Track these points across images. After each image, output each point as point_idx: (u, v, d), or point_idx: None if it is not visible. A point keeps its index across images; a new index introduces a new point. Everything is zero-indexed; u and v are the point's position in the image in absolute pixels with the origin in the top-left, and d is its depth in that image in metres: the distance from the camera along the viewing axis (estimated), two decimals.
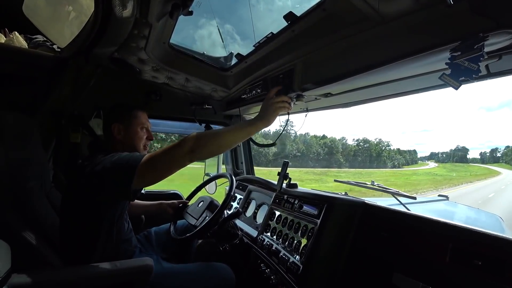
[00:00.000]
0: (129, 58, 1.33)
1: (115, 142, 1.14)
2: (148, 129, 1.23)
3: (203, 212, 1.41)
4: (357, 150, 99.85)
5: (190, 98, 1.91)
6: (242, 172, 2.34)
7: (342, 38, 0.97)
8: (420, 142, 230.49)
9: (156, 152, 0.88)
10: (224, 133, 0.91)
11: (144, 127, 1.20)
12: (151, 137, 1.23)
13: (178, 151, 0.86)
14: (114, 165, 0.89)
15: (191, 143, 0.85)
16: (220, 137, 0.90)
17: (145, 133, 1.21)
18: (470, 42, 0.65)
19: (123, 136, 1.14)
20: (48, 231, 0.98)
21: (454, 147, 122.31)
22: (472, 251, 0.77)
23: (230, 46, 1.77)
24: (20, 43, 1.29)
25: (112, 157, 0.92)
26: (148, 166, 0.86)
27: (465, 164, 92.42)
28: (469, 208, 2.58)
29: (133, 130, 1.16)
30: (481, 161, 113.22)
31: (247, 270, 1.48)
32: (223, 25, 2.09)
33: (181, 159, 0.86)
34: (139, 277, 0.95)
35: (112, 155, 0.94)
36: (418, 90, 1.15)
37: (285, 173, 1.53)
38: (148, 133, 1.22)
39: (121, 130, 1.14)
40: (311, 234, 1.16)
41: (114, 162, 0.90)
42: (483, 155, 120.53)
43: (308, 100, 1.42)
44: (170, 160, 0.86)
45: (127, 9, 0.92)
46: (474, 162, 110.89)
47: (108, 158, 0.93)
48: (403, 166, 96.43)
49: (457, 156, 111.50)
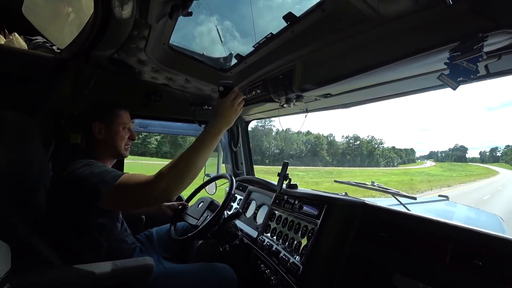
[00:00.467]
0: (129, 59, 1.33)
1: (95, 141, 1.11)
2: (130, 129, 1.20)
3: (204, 212, 1.41)
4: (346, 147, 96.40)
5: (190, 99, 1.91)
6: (242, 173, 2.34)
7: (341, 39, 0.97)
8: (420, 141, 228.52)
9: (131, 180, 0.85)
10: (197, 156, 0.88)
11: (126, 127, 1.17)
12: (133, 137, 1.19)
13: (152, 191, 0.82)
14: (86, 177, 0.87)
15: (165, 183, 0.82)
16: (194, 163, 0.87)
17: (127, 132, 1.17)
18: (470, 43, 0.65)
19: (104, 136, 1.10)
20: (48, 231, 0.98)
21: (452, 146, 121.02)
22: (472, 251, 0.77)
23: (229, 46, 1.77)
24: (20, 44, 1.29)
25: (88, 167, 0.90)
26: (118, 194, 0.84)
27: (463, 164, 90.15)
28: (469, 208, 2.58)
29: (115, 129, 1.13)
30: (481, 161, 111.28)
31: (247, 271, 1.48)
32: (222, 25, 2.08)
33: (154, 200, 0.83)
34: (140, 276, 0.95)
35: (88, 164, 0.92)
36: (417, 90, 1.15)
37: (285, 173, 1.53)
38: (130, 133, 1.19)
39: (102, 129, 1.10)
40: (311, 234, 1.16)
41: (86, 175, 0.88)
42: (483, 154, 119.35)
43: (308, 100, 1.43)
44: (142, 199, 0.84)
45: (127, 10, 0.92)
46: (473, 161, 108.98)
47: (84, 168, 0.90)
48: (399, 165, 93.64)
49: (455, 155, 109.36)
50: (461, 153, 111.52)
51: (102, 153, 1.12)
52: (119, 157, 1.17)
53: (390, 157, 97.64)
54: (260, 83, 1.45)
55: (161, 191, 0.83)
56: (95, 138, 1.10)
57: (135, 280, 0.94)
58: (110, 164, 1.17)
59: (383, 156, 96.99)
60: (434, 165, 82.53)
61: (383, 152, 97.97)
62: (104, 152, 1.12)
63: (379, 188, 1.51)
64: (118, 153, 1.15)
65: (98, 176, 0.88)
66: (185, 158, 0.87)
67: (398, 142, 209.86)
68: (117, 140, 1.13)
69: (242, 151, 2.32)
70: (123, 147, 1.15)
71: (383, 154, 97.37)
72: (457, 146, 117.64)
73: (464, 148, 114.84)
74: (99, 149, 1.11)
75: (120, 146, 1.14)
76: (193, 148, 0.89)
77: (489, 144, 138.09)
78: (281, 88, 1.29)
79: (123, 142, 1.15)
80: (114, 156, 1.16)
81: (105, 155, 1.13)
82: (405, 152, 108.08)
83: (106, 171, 0.91)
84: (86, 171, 0.90)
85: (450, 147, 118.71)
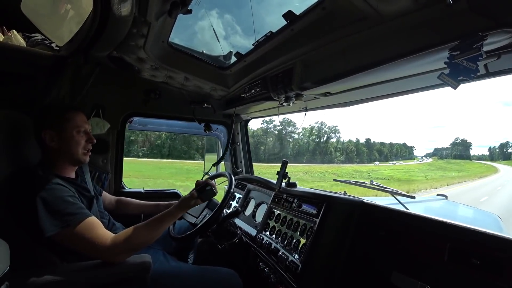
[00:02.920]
0: (128, 57, 1.32)
1: (49, 151, 1.01)
2: (87, 132, 1.08)
3: (203, 210, 1.41)
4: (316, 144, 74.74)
5: (189, 97, 1.91)
6: (241, 171, 2.34)
7: (341, 37, 0.97)
8: (432, 139, 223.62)
9: (87, 231, 0.89)
10: (152, 233, 0.99)
11: (81, 130, 1.05)
12: (91, 140, 1.09)
13: (102, 255, 0.91)
14: (45, 207, 0.85)
15: (118, 251, 0.91)
16: (149, 238, 0.98)
17: (84, 136, 1.06)
18: (469, 41, 0.65)
19: (57, 144, 1.00)
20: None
21: (453, 140, 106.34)
22: (470, 250, 0.77)
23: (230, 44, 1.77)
24: (19, 41, 1.28)
25: (48, 195, 0.87)
26: (72, 239, 0.88)
27: (461, 161, 77.96)
28: (467, 208, 2.59)
29: (68, 135, 1.02)
30: (490, 158, 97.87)
31: (246, 270, 1.48)
32: (222, 24, 2.08)
33: (101, 259, 0.92)
34: (138, 274, 0.95)
35: (46, 192, 0.87)
36: (417, 89, 1.15)
37: (284, 172, 1.53)
38: (87, 136, 1.08)
39: (53, 137, 0.99)
40: (310, 233, 1.17)
41: (45, 207, 0.85)
42: (492, 150, 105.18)
43: (307, 99, 1.43)
44: (91, 253, 0.91)
45: (126, 8, 0.92)
46: (482, 159, 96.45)
47: (42, 194, 0.86)
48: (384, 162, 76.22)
49: (456, 150, 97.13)
50: (463, 148, 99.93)
51: (59, 162, 1.03)
52: (79, 163, 1.10)
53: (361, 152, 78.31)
54: (259, 82, 1.45)
55: (110, 256, 0.92)
56: (48, 147, 1.00)
57: (134, 277, 0.94)
58: (72, 172, 1.09)
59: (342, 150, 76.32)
60: (420, 163, 71.04)
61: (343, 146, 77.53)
62: (61, 161, 1.04)
63: (378, 187, 1.51)
64: (77, 160, 1.07)
65: (61, 212, 0.87)
66: (139, 233, 0.96)
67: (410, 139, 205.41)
68: (72, 147, 1.03)
69: (241, 150, 2.32)
70: (80, 153, 1.06)
71: (342, 148, 76.87)
72: (457, 139, 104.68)
73: (466, 143, 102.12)
74: (54, 158, 1.02)
75: (76, 152, 1.04)
76: (150, 225, 1.00)
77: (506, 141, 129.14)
78: (280, 87, 1.29)
79: (79, 147, 1.05)
80: (73, 164, 1.08)
81: (63, 164, 1.05)
82: (390, 147, 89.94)
83: (66, 213, 0.88)
84: (45, 202, 0.86)
85: (453, 142, 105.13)
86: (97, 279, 0.90)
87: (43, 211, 0.84)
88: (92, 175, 1.62)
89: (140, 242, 0.95)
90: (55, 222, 0.85)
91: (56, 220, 0.85)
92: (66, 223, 0.86)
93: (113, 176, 1.82)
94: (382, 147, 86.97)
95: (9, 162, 0.95)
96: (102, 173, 1.73)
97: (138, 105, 1.82)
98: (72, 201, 0.92)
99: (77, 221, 0.88)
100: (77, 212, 0.90)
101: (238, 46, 1.44)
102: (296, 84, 1.20)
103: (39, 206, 0.84)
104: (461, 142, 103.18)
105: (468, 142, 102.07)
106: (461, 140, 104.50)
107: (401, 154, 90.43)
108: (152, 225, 1.00)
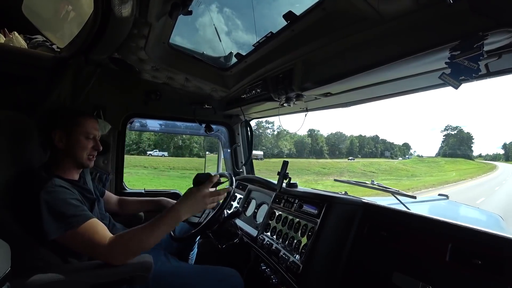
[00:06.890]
0: (129, 58, 1.33)
1: (56, 150, 1.04)
2: (96, 138, 1.11)
3: (204, 211, 1.41)
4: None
5: (190, 98, 1.91)
6: (242, 172, 2.34)
7: (342, 38, 0.97)
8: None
9: (89, 232, 0.89)
10: (151, 235, 0.94)
11: (90, 136, 1.08)
12: (97, 147, 1.11)
13: (101, 256, 0.90)
14: (49, 210, 0.86)
15: (117, 253, 0.90)
16: (148, 242, 0.94)
17: (91, 142, 1.09)
18: (470, 41, 0.65)
19: (64, 145, 1.03)
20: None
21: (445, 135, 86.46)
22: (471, 250, 0.77)
23: (229, 45, 1.77)
24: (20, 43, 1.29)
25: (52, 197, 0.88)
26: (74, 240, 0.88)
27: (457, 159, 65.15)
28: (469, 207, 2.58)
29: (75, 138, 1.05)
30: (505, 158, 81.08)
31: (247, 270, 1.48)
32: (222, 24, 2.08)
33: (100, 260, 0.91)
34: (139, 274, 0.95)
35: (50, 195, 0.88)
36: (418, 89, 1.15)
37: (285, 172, 1.53)
38: (94, 142, 1.10)
39: (62, 138, 1.03)
40: (311, 233, 1.16)
41: (49, 210, 0.86)
42: (507, 148, 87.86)
43: (308, 99, 1.43)
44: (91, 254, 0.91)
45: (127, 9, 0.92)
46: (496, 158, 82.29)
47: (45, 196, 0.87)
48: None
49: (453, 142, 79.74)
50: (459, 139, 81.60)
51: (64, 163, 1.06)
52: (82, 167, 1.12)
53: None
54: (260, 82, 1.45)
55: (110, 258, 0.90)
56: (55, 147, 1.03)
57: (134, 277, 0.94)
58: (76, 174, 1.11)
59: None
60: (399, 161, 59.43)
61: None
62: (66, 163, 1.07)
63: (379, 187, 1.51)
64: (80, 164, 1.08)
65: (65, 215, 0.88)
66: (140, 235, 0.93)
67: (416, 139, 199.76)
68: (77, 150, 1.05)
69: (242, 151, 2.32)
70: (85, 157, 1.08)
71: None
72: (450, 126, 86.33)
73: (464, 139, 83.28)
74: (60, 159, 1.05)
75: (81, 156, 1.07)
76: (149, 227, 0.95)
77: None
78: (281, 87, 1.29)
79: (85, 152, 1.07)
80: (77, 167, 1.10)
81: (67, 166, 1.07)
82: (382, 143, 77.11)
83: (70, 215, 0.89)
84: (49, 205, 0.87)
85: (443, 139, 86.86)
86: (98, 279, 0.90)
87: (46, 213, 0.85)
88: (93, 176, 1.62)
89: (139, 244, 0.93)
90: (59, 224, 0.86)
91: (59, 222, 0.86)
92: (69, 225, 0.87)
93: (114, 177, 1.83)
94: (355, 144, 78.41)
95: (11, 164, 0.95)
96: (103, 174, 1.73)
97: (139, 106, 1.82)
98: (74, 203, 0.93)
99: (80, 223, 0.89)
100: (79, 214, 0.90)
101: (239, 47, 1.44)
102: (296, 85, 1.20)
103: (43, 208, 0.85)
104: (457, 133, 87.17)
105: (469, 134, 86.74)
106: (455, 126, 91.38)
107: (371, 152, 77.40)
108: (151, 225, 0.97)
